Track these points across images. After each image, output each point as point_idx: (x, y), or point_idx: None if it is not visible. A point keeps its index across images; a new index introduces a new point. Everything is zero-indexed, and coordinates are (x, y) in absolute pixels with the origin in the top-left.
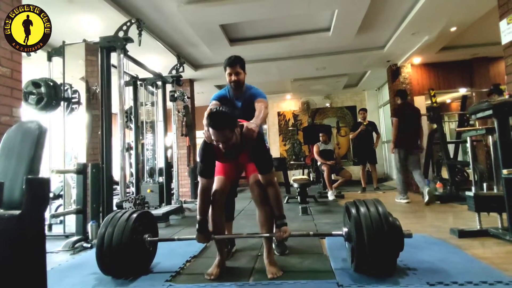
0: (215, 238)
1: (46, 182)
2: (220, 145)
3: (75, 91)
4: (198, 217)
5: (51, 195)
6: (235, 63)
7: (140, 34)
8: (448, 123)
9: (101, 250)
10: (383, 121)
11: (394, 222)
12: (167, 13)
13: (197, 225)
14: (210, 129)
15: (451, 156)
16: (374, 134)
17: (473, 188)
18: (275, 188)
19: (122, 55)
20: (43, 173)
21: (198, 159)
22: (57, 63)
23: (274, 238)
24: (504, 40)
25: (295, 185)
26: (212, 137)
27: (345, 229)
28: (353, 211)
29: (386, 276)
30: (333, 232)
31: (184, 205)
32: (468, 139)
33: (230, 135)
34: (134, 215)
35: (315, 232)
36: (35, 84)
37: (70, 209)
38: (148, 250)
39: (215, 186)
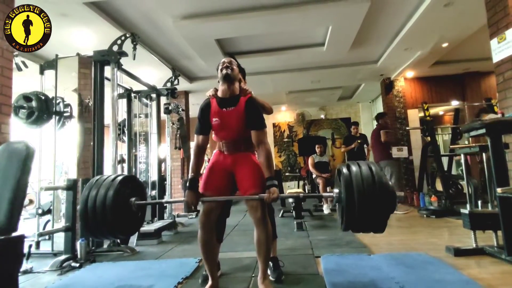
0: (203, 200)
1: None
2: (225, 65)
3: (67, 105)
4: (190, 175)
5: (39, 211)
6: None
7: (134, 48)
8: (441, 135)
9: (85, 214)
10: None
11: (387, 182)
12: (162, 28)
13: (187, 183)
14: (222, 60)
15: (445, 168)
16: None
17: (468, 206)
18: (267, 147)
19: (116, 69)
20: (34, 186)
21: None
22: (49, 75)
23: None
24: (495, 59)
25: (290, 199)
26: (220, 65)
27: (336, 190)
28: (345, 170)
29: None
30: (324, 194)
31: (177, 219)
32: (462, 156)
33: (235, 65)
34: (120, 178)
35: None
36: (26, 98)
37: (59, 226)
38: (135, 214)
39: (203, 205)
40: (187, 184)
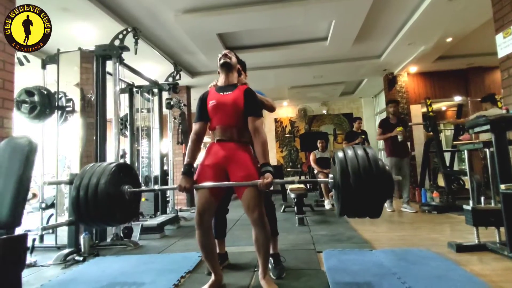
0: (196, 187)
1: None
2: (224, 53)
3: (69, 100)
4: (185, 161)
5: (43, 205)
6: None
7: (136, 43)
8: (443, 131)
9: (77, 202)
10: None
11: (383, 166)
12: (164, 22)
13: (182, 168)
14: (223, 51)
15: (447, 164)
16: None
17: (470, 202)
18: (262, 135)
19: (117, 64)
20: (37, 180)
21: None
22: (51, 70)
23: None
24: (500, 54)
25: (292, 195)
26: (222, 53)
27: (331, 175)
28: (340, 154)
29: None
30: (319, 179)
31: (180, 213)
32: (466, 152)
33: (233, 55)
34: (113, 165)
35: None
36: (29, 92)
37: (62, 219)
38: (128, 202)
39: (197, 205)
40: (182, 170)
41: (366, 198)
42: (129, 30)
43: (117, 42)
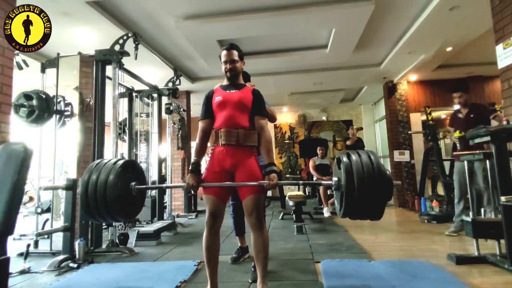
0: (203, 186)
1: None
2: (228, 65)
3: (68, 104)
4: (192, 159)
5: (38, 210)
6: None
7: (136, 48)
8: (443, 139)
9: (85, 198)
10: (379, 135)
11: (385, 171)
12: (164, 28)
13: (190, 166)
14: (222, 52)
15: (447, 172)
16: None
17: (470, 213)
18: (267, 134)
19: (117, 68)
20: (34, 184)
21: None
22: (50, 74)
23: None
24: (501, 65)
25: (291, 203)
26: (222, 59)
27: (335, 178)
28: (344, 159)
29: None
30: (323, 182)
31: (177, 219)
32: (466, 163)
33: (236, 58)
34: (120, 162)
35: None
36: (27, 96)
37: (58, 224)
38: (135, 198)
39: (209, 208)
40: (190, 167)
41: (369, 201)
42: (129, 35)
43: (117, 47)
